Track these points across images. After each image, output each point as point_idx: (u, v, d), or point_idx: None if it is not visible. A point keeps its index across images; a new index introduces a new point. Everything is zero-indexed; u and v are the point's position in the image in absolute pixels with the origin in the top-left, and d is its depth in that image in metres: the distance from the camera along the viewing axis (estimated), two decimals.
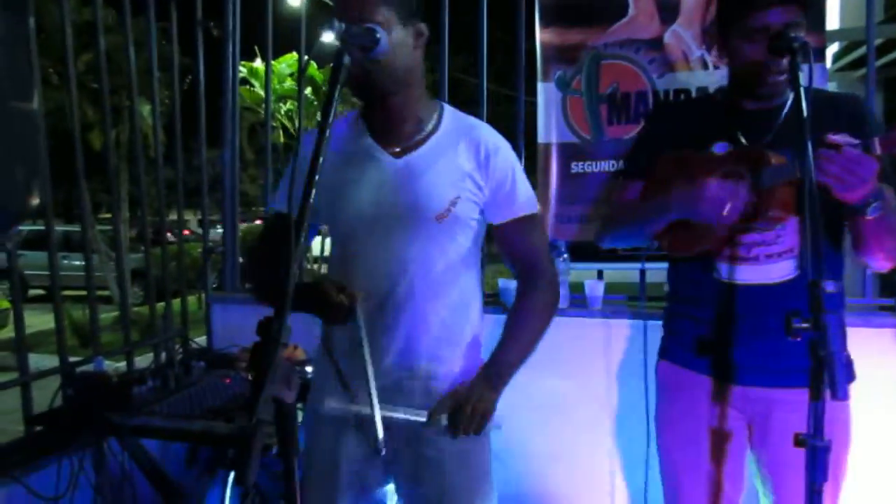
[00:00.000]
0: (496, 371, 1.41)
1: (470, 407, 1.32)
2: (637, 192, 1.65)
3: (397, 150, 1.42)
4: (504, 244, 1.50)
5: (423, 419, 1.34)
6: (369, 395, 1.19)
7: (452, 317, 1.44)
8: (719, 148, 1.53)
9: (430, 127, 1.44)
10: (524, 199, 1.47)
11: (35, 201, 1.46)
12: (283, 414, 0.87)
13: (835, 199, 1.30)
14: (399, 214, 1.39)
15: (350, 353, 1.38)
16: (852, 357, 1.51)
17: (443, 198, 1.39)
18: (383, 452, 1.09)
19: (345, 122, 1.49)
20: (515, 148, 1.56)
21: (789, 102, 1.47)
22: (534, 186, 2.69)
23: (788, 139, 1.42)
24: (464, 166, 1.42)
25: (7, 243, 1.79)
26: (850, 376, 1.52)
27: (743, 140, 1.50)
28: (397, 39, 1.31)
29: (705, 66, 2.50)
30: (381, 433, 1.13)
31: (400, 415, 1.34)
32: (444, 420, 1.34)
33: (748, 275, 1.50)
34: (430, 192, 1.39)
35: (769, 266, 1.49)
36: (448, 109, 1.49)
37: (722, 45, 1.52)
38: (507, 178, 1.45)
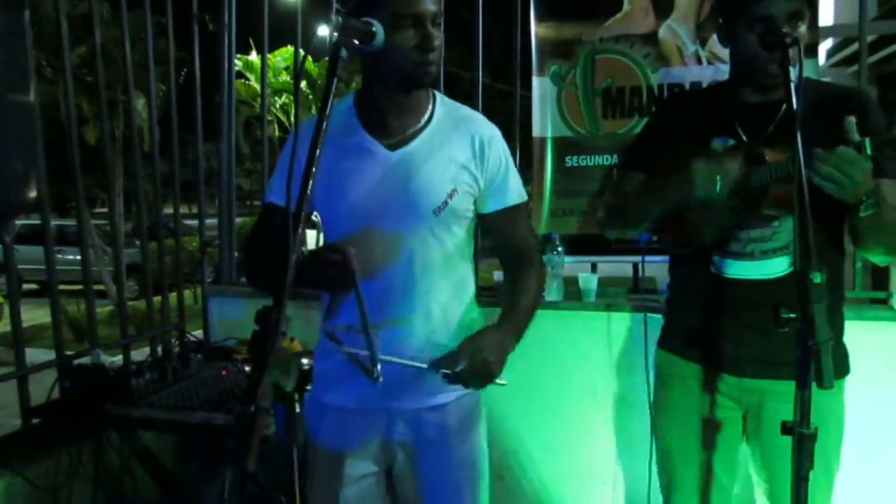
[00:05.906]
0: (506, 329, 1.40)
1: (477, 359, 1.30)
2: (638, 184, 1.66)
3: (391, 142, 1.42)
4: (495, 232, 1.52)
5: (425, 366, 1.32)
6: (368, 337, 1.16)
7: (450, 305, 1.46)
8: (720, 142, 1.53)
9: (423, 119, 1.44)
10: (515, 187, 1.50)
11: (33, 194, 1.46)
12: (283, 401, 0.89)
13: (831, 196, 1.31)
14: (396, 208, 1.40)
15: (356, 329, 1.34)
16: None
17: (439, 191, 1.40)
18: (380, 379, 1.08)
19: (337, 111, 1.48)
20: (511, 142, 1.58)
21: None
22: (528, 180, 2.73)
23: (788, 134, 1.43)
24: (459, 158, 1.42)
25: (6, 236, 1.79)
26: (842, 368, 1.56)
27: (742, 134, 1.51)
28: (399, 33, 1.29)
29: (699, 61, 2.52)
30: (378, 366, 1.11)
31: (404, 361, 1.33)
32: (447, 368, 1.31)
33: (743, 270, 1.52)
34: (426, 186, 1.40)
35: (764, 262, 1.50)
36: (440, 99, 1.49)
37: (725, 34, 1.51)
38: (501, 168, 1.47)
